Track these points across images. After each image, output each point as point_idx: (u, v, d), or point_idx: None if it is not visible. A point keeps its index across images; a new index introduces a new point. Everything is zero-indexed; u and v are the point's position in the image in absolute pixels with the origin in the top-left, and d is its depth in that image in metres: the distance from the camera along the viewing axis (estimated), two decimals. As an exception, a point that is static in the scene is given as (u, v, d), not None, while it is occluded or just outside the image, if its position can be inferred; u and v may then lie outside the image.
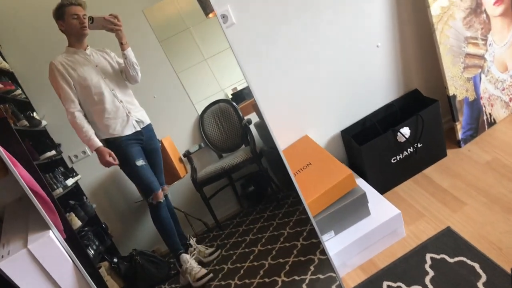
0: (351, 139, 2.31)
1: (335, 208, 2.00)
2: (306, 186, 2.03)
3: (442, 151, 2.47)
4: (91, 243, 2.88)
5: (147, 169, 2.42)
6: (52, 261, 1.52)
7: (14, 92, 2.65)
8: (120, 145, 2.35)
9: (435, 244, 1.97)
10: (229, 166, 2.99)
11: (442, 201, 2.19)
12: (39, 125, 2.75)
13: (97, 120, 2.29)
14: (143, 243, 3.09)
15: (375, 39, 2.39)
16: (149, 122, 2.46)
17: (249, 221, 3.13)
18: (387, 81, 2.51)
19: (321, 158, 2.19)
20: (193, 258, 2.54)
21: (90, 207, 2.94)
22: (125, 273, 2.93)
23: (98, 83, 2.23)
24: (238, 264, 2.58)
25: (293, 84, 2.36)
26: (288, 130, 2.43)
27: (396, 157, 2.34)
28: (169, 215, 2.61)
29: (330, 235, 2.05)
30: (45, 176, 2.55)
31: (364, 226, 2.05)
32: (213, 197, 3.10)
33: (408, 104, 2.50)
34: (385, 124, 2.42)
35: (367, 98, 2.50)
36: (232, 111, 3.22)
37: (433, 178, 2.37)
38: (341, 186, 1.99)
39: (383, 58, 2.45)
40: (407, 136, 2.27)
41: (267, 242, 2.65)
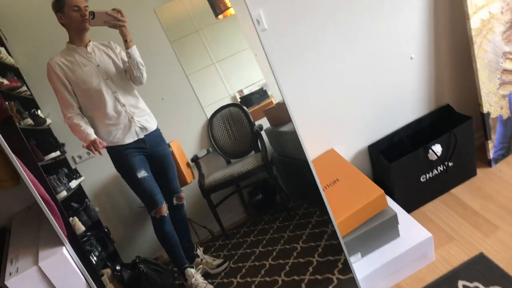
0: (379, 155, 2.20)
1: (364, 229, 1.88)
2: (334, 204, 1.90)
3: (472, 170, 2.36)
4: (93, 249, 2.76)
5: (150, 181, 2.27)
6: (65, 281, 1.40)
7: (19, 89, 2.53)
8: (121, 154, 2.20)
9: (467, 271, 1.85)
10: (239, 174, 2.87)
11: (473, 224, 2.08)
12: (44, 123, 2.63)
13: (97, 125, 2.14)
14: (145, 249, 2.97)
15: (409, 51, 2.28)
16: (154, 129, 2.29)
17: (257, 232, 3.02)
18: (419, 95, 2.40)
19: (349, 174, 2.08)
20: (199, 270, 2.40)
21: (93, 211, 2.82)
22: (128, 282, 2.81)
23: (98, 86, 2.07)
24: (249, 279, 2.46)
25: (321, 95, 2.24)
26: (314, 143, 2.31)
27: (426, 176, 2.23)
28: (173, 229, 2.45)
29: (357, 258, 1.93)
30: (49, 178, 2.42)
31: (392, 248, 1.93)
32: (220, 204, 2.99)
33: (439, 120, 2.40)
34: (414, 140, 2.31)
35: (397, 111, 2.39)
36: (243, 116, 3.11)
37: (463, 199, 2.26)
38: (372, 206, 1.87)
39: (416, 70, 2.34)
40: (438, 154, 2.15)
41: (279, 256, 2.53)
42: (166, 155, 2.37)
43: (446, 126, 2.24)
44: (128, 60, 2.06)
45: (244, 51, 2.44)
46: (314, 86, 2.23)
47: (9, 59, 2.49)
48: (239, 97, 3.09)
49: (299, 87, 2.21)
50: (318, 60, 2.19)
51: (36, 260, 1.38)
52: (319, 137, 2.33)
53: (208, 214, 2.87)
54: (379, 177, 2.41)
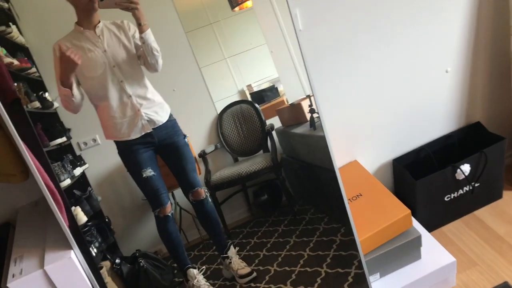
0: (405, 171, 2.10)
1: (385, 249, 1.79)
2: (356, 220, 1.80)
3: (498, 192, 2.27)
4: (94, 240, 2.68)
5: (156, 180, 2.15)
6: (71, 287, 1.29)
7: (28, 70, 2.44)
8: (127, 151, 2.09)
9: (490, 300, 1.76)
10: (247, 173, 2.78)
11: (498, 250, 1.99)
12: (51, 107, 2.54)
13: (101, 117, 2.02)
14: (145, 242, 2.90)
15: (445, 63, 2.18)
16: (163, 121, 2.15)
17: (261, 234, 2.94)
18: (450, 110, 2.30)
19: (373, 189, 1.98)
20: (228, 271, 2.31)
21: (96, 200, 2.74)
22: (127, 276, 2.73)
23: (103, 74, 1.92)
24: (252, 284, 2.38)
25: (349, 103, 2.15)
26: (337, 152, 2.21)
27: (451, 195, 2.14)
28: (177, 229, 2.37)
29: (375, 278, 1.84)
30: (54, 165, 2.33)
31: (413, 271, 1.84)
32: (224, 202, 2.91)
33: (468, 137, 2.30)
34: (441, 157, 2.21)
35: (425, 125, 2.29)
36: (254, 114, 3.03)
37: (486, 222, 2.17)
38: (397, 226, 1.78)
39: (450, 84, 2.24)
40: (466, 174, 2.06)
41: (284, 263, 2.45)
42: (180, 146, 2.22)
43: (474, 145, 2.15)
44: (142, 45, 1.90)
45: (259, 46, 2.34)
46: (342, 93, 2.14)
47: (20, 38, 2.39)
48: (248, 93, 3.00)
49: (327, 93, 2.12)
50: (349, 67, 2.10)
51: (41, 263, 1.28)
52: (343, 146, 2.24)
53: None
54: (401, 193, 2.32)
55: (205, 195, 2.28)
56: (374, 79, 2.14)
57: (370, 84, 2.14)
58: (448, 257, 1.85)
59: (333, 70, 2.08)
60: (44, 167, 1.87)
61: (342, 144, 2.22)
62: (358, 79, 2.12)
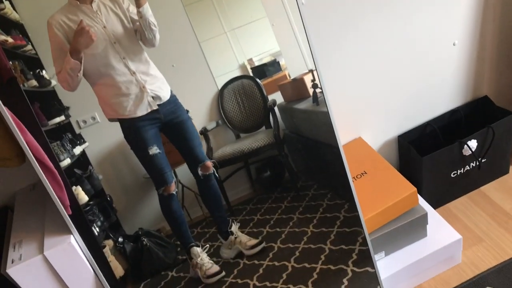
0: (410, 148, 2.06)
1: (391, 227, 1.76)
2: (362, 199, 1.77)
3: (505, 167, 2.23)
4: (96, 219, 2.67)
5: (161, 158, 2.11)
6: (71, 271, 1.29)
7: (24, 48, 2.38)
8: (133, 128, 2.04)
9: (497, 277, 1.75)
10: (249, 150, 2.75)
11: (504, 226, 1.96)
12: (49, 85, 2.49)
13: (104, 96, 1.96)
14: (148, 219, 2.89)
15: (452, 36, 2.11)
16: (167, 98, 2.11)
17: (264, 210, 2.92)
18: (456, 84, 2.24)
19: (378, 167, 1.94)
20: (233, 248, 2.30)
21: (97, 179, 2.72)
22: (130, 254, 2.73)
23: (105, 50, 1.85)
24: (256, 261, 2.37)
25: (354, 78, 2.09)
26: (341, 129, 2.16)
27: (457, 171, 2.10)
28: (180, 207, 2.34)
29: (380, 256, 1.82)
30: (53, 144, 2.30)
31: (418, 249, 1.82)
32: (227, 180, 2.89)
33: (475, 112, 2.25)
34: (447, 132, 2.17)
35: (431, 100, 2.24)
36: (256, 90, 2.97)
37: (493, 198, 2.14)
38: (402, 204, 1.75)
39: (457, 57, 2.17)
40: (473, 150, 2.01)
41: (288, 240, 2.43)
42: (184, 121, 2.19)
43: (481, 119, 2.10)
44: (139, 20, 1.83)
45: (260, 20, 2.29)
46: (346, 67, 2.08)
47: (13, 14, 2.32)
48: (249, 68, 2.94)
49: (331, 69, 2.06)
50: (353, 42, 2.03)
51: (41, 248, 1.26)
52: (347, 123, 2.19)
53: (215, 189, 2.76)
54: (406, 170, 2.28)
55: (212, 169, 2.25)
56: (379, 54, 2.08)
57: (375, 59, 2.08)
58: (454, 234, 1.82)
59: (337, 44, 2.02)
60: (43, 147, 1.84)
61: (346, 121, 2.18)
62: (363, 54, 2.06)
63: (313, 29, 1.95)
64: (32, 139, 1.74)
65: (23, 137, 1.65)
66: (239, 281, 2.22)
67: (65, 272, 1.27)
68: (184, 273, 2.55)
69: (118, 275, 2.58)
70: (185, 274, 2.52)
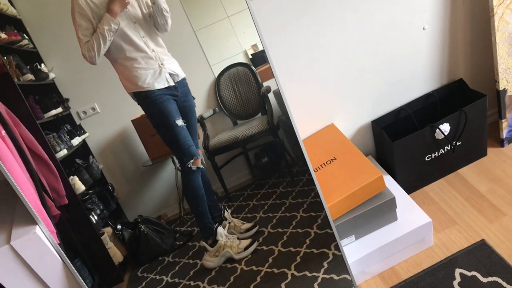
0: (383, 132, 2.07)
1: (358, 212, 1.79)
2: (329, 184, 1.82)
3: (482, 150, 2.22)
4: (95, 207, 2.76)
5: (187, 131, 2.19)
6: (39, 259, 1.35)
7: (19, 43, 2.46)
8: (156, 101, 2.10)
9: (466, 259, 1.77)
10: (244, 136, 2.80)
11: (478, 209, 1.97)
12: (46, 78, 2.58)
13: (124, 70, 2.06)
14: (149, 207, 2.98)
15: (422, 20, 2.10)
16: (184, 76, 2.20)
17: (260, 196, 2.99)
18: (430, 68, 2.23)
19: (347, 153, 1.97)
20: (220, 255, 2.35)
21: (96, 169, 2.81)
22: (128, 241, 2.82)
23: (127, 27, 1.97)
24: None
25: (323, 65, 2.10)
26: (312, 117, 2.19)
27: (431, 155, 2.11)
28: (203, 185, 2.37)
29: (350, 240, 1.86)
30: (49, 136, 2.38)
31: (389, 232, 1.85)
32: (224, 166, 2.94)
33: (450, 95, 2.24)
34: (422, 116, 2.17)
35: (405, 85, 2.23)
36: (250, 77, 3.02)
37: (469, 180, 2.14)
38: (368, 189, 1.78)
39: (428, 41, 2.16)
40: (446, 133, 2.02)
41: (278, 224, 2.50)
42: (191, 107, 2.29)
43: (457, 102, 2.10)
44: (152, 6, 1.99)
45: None
46: (316, 55, 2.09)
47: (10, 10, 2.40)
48: (251, 54, 2.97)
49: (297, 55, 2.07)
50: (322, 28, 2.04)
51: (8, 238, 1.33)
52: (319, 110, 2.20)
53: (212, 175, 2.83)
54: (381, 155, 2.30)
55: (202, 164, 2.30)
56: (349, 39, 2.09)
57: (345, 45, 2.09)
58: (424, 217, 1.84)
59: (301, 31, 2.03)
60: (38, 139, 1.93)
61: (319, 108, 2.19)
62: (332, 40, 2.07)
63: (276, 16, 1.95)
64: (26, 131, 1.83)
65: (17, 130, 1.74)
66: (228, 266, 2.29)
67: (33, 261, 1.34)
68: (179, 258, 2.64)
69: (117, 261, 2.69)
70: (180, 259, 2.61)
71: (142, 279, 2.59)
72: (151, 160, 2.87)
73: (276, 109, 2.97)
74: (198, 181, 2.28)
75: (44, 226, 1.36)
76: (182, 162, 2.20)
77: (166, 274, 2.52)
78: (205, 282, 2.25)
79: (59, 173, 2.07)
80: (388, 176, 2.12)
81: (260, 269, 2.16)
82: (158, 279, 2.52)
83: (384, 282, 1.82)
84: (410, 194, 2.06)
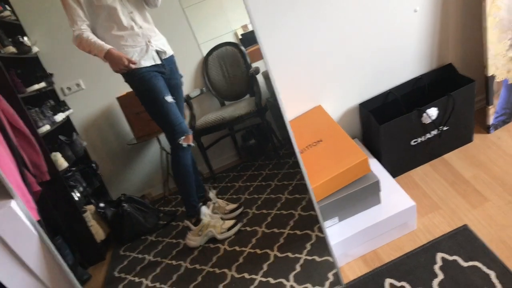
0: (370, 115, 2.06)
1: (342, 194, 1.79)
2: (314, 166, 1.80)
3: (468, 135, 2.22)
4: (77, 185, 2.73)
5: (177, 108, 2.15)
6: (14, 234, 1.33)
7: (1, 13, 2.39)
8: (143, 78, 2.07)
9: (448, 243, 1.77)
10: (230, 118, 2.78)
11: (462, 194, 1.98)
12: (29, 52, 2.52)
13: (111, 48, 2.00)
14: (133, 186, 2.96)
15: (413, 2, 2.07)
16: (172, 53, 2.16)
17: (246, 178, 2.98)
18: (419, 52, 2.21)
19: (333, 135, 1.95)
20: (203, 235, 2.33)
21: (80, 146, 2.77)
22: (111, 220, 2.80)
23: (113, 3, 1.92)
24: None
25: (312, 46, 2.07)
26: (299, 98, 2.16)
27: (418, 140, 2.10)
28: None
29: (334, 222, 1.85)
30: (31, 111, 2.33)
31: (372, 215, 1.85)
32: (211, 147, 2.92)
33: (439, 80, 2.23)
34: (410, 100, 2.16)
35: (393, 69, 2.22)
36: (239, 57, 2.98)
37: (454, 166, 2.14)
38: (353, 171, 1.77)
39: (419, 24, 2.14)
40: (433, 118, 2.01)
41: (263, 206, 2.50)
42: (178, 84, 2.26)
43: (446, 87, 2.08)
44: None
45: None
46: (304, 35, 2.06)
47: (-8, -21, 2.32)
48: (240, 34, 2.92)
49: (285, 35, 2.04)
50: (310, 9, 2.01)
51: (-16, 212, 1.30)
52: (306, 92, 2.18)
53: (198, 155, 2.80)
54: (368, 138, 2.28)
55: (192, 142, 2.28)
56: (338, 20, 2.06)
57: (334, 25, 2.06)
58: (408, 201, 1.84)
59: (289, 8, 1.99)
60: (19, 114, 1.88)
61: (306, 89, 2.17)
62: (322, 22, 2.04)
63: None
64: (7, 105, 1.78)
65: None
66: (211, 246, 2.28)
67: (8, 235, 1.32)
68: (163, 237, 2.62)
69: (99, 238, 2.66)
70: (163, 238, 2.60)
71: (124, 257, 2.58)
72: (136, 138, 2.84)
73: (264, 91, 2.94)
74: (188, 159, 2.26)
75: (20, 201, 1.33)
76: (172, 138, 2.18)
77: (148, 253, 2.51)
78: (187, 262, 2.25)
79: (41, 149, 2.03)
80: (373, 159, 2.11)
81: (243, 250, 2.17)
82: (141, 257, 2.51)
83: (366, 264, 1.82)
84: (395, 178, 2.05)
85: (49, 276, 1.40)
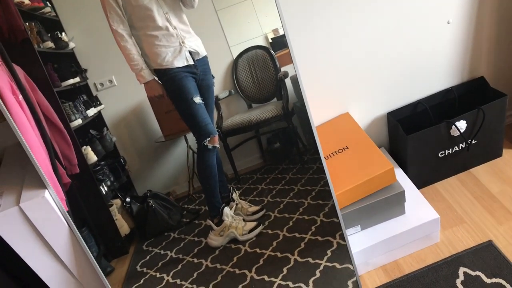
0: (398, 125, 2.05)
1: (366, 202, 1.79)
2: (339, 173, 1.81)
3: (498, 150, 2.19)
4: (105, 179, 2.78)
5: (205, 109, 2.19)
6: (46, 223, 1.38)
7: (42, 10, 2.46)
8: (174, 78, 2.10)
9: (471, 258, 1.75)
10: (257, 120, 2.79)
11: (488, 209, 1.95)
12: (66, 47, 2.58)
13: (145, 46, 2.04)
14: (159, 183, 2.99)
15: (447, 14, 2.05)
16: (205, 54, 2.20)
17: (269, 180, 2.98)
18: (451, 63, 2.19)
19: (360, 142, 1.95)
20: (225, 235, 2.35)
21: (110, 141, 2.82)
22: (136, 215, 2.85)
23: (150, 3, 1.95)
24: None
25: (342, 52, 2.07)
26: (327, 104, 2.17)
27: (445, 152, 2.08)
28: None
29: (356, 230, 1.85)
30: (65, 105, 2.40)
31: (395, 225, 1.84)
32: (236, 148, 2.93)
33: (470, 93, 2.20)
34: (439, 112, 2.14)
35: (423, 79, 2.20)
36: (269, 61, 2.99)
37: (481, 180, 2.11)
38: (378, 180, 1.76)
39: (451, 36, 2.12)
40: (462, 131, 1.99)
41: (285, 209, 2.49)
42: (210, 86, 2.28)
43: (476, 100, 2.06)
44: None
45: None
46: (336, 42, 2.06)
47: (34, -23, 2.40)
48: (271, 38, 2.94)
49: (317, 41, 2.05)
50: (343, 15, 2.01)
51: (18, 200, 1.35)
52: (334, 98, 2.18)
53: (223, 156, 2.82)
54: (394, 148, 2.27)
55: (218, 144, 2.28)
56: (371, 29, 2.05)
57: (366, 34, 2.06)
58: (432, 213, 1.83)
59: (324, 18, 2.01)
60: (54, 107, 1.94)
61: (335, 95, 2.17)
62: (354, 29, 2.04)
63: (300, 3, 1.93)
64: (43, 98, 1.85)
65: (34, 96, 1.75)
66: (233, 246, 2.29)
67: (40, 225, 1.37)
68: (185, 235, 2.65)
69: (124, 233, 2.71)
70: (186, 236, 2.63)
71: (146, 252, 2.61)
72: (164, 136, 2.88)
73: (291, 95, 2.94)
74: (213, 160, 2.28)
75: (53, 191, 1.38)
76: (198, 139, 2.21)
77: (170, 250, 2.54)
78: (208, 260, 2.27)
79: (72, 142, 2.09)
80: (399, 169, 2.10)
81: (263, 252, 2.17)
82: (163, 253, 2.54)
83: (386, 274, 1.82)
84: (420, 189, 2.04)
85: (76, 266, 1.45)
